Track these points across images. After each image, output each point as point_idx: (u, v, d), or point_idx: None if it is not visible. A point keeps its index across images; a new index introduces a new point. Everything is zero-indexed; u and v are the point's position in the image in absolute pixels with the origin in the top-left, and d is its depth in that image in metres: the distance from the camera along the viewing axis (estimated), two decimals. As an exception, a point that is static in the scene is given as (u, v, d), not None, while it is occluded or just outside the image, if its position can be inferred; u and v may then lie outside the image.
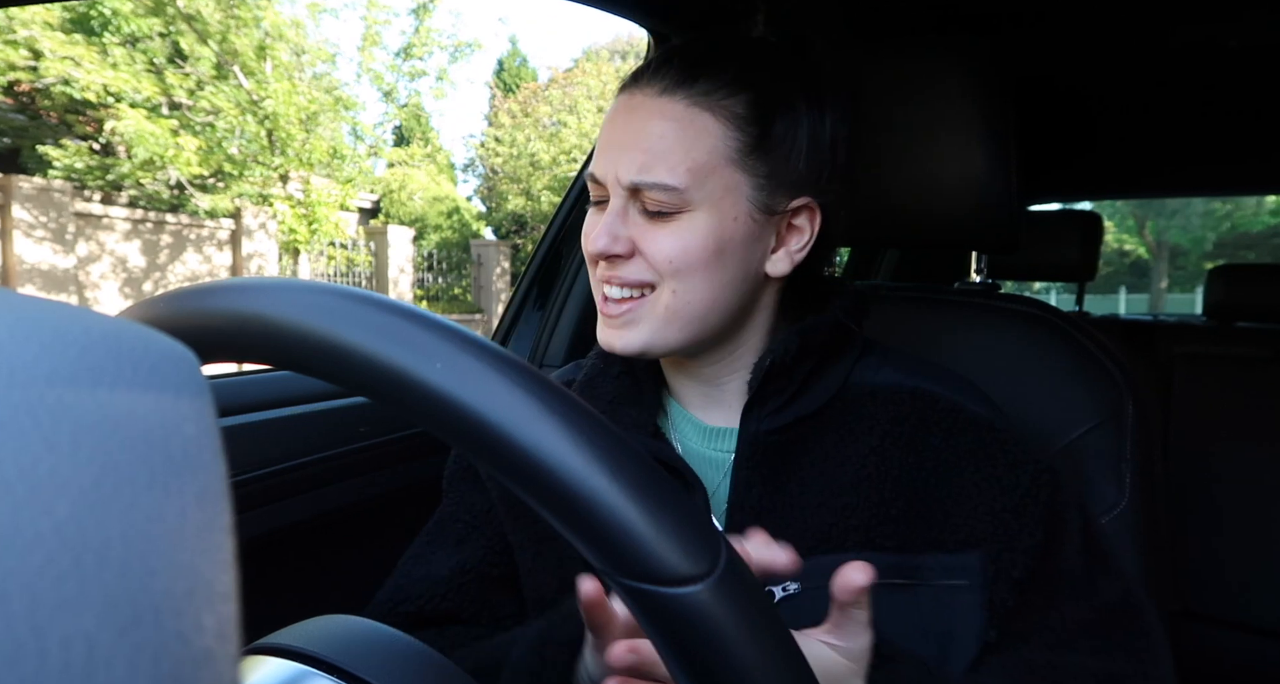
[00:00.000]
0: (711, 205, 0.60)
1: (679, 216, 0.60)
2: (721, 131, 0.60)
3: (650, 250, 0.60)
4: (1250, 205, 17.00)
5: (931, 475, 0.62)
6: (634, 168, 0.59)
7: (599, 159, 0.62)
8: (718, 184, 0.60)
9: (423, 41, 10.84)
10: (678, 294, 0.60)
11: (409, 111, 11.63)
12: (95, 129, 8.74)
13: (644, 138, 0.60)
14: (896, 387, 0.65)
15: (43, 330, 0.15)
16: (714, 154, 0.60)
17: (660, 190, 0.59)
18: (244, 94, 8.83)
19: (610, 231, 0.60)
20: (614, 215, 0.61)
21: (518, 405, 0.24)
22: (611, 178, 0.61)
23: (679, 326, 0.61)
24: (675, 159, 0.59)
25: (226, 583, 0.14)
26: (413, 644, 0.33)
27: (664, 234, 0.60)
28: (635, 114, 0.61)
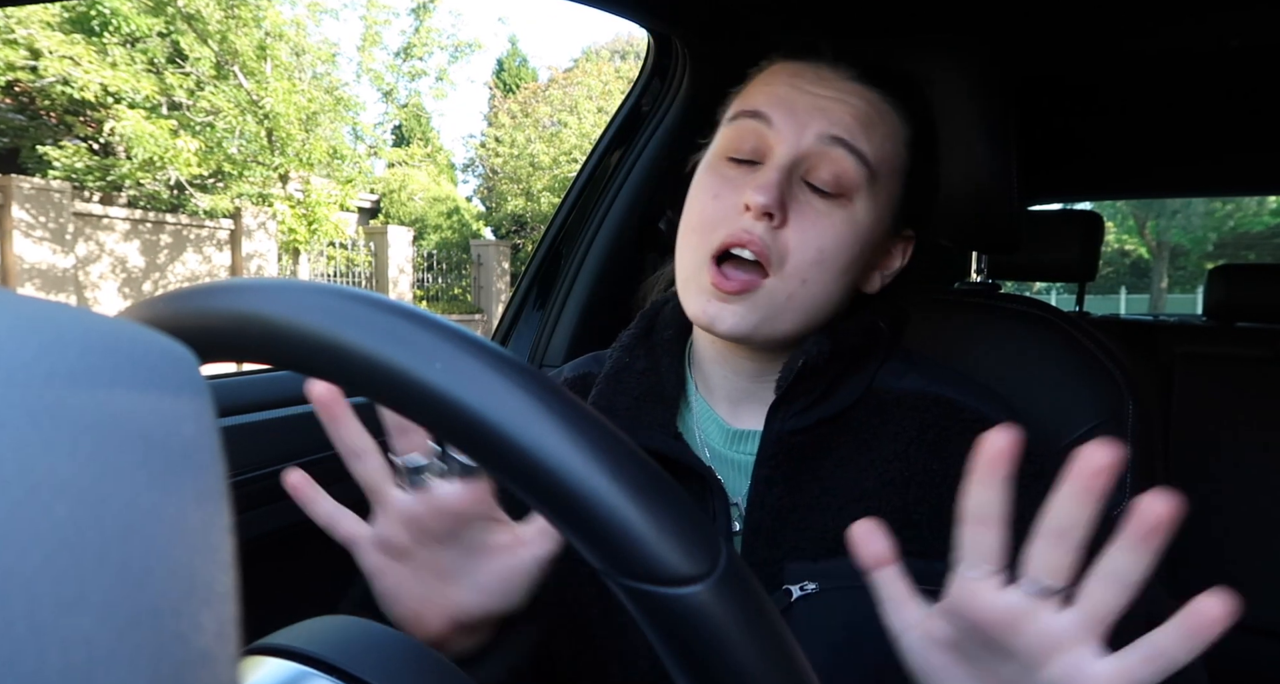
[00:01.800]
0: (874, 203, 0.59)
1: (844, 204, 0.58)
2: (903, 138, 0.61)
3: (803, 233, 0.57)
4: (1251, 205, 17.01)
5: (956, 482, 0.61)
6: (838, 125, 0.57)
7: (775, 108, 0.59)
8: (885, 186, 0.60)
9: (423, 41, 10.85)
10: (807, 285, 0.58)
11: (409, 111, 11.64)
12: (95, 129, 8.75)
13: (845, 106, 0.58)
14: (920, 393, 0.65)
15: (42, 330, 0.15)
16: (895, 156, 0.61)
17: (855, 159, 0.57)
18: (244, 94, 8.83)
19: (779, 189, 0.56)
20: (782, 173, 0.57)
21: (517, 406, 0.24)
22: (795, 129, 0.58)
23: (793, 316, 0.59)
24: (875, 138, 0.59)
25: (226, 583, 0.14)
26: (413, 644, 0.33)
27: (824, 222, 0.58)
28: (829, 85, 0.59)
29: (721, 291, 0.58)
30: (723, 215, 0.59)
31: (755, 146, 0.60)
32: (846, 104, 0.59)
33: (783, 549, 0.59)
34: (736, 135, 0.61)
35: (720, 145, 0.62)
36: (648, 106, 1.22)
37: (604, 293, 1.20)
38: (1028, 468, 0.60)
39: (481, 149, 17.45)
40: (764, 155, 0.59)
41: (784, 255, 0.57)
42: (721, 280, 0.58)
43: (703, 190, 0.62)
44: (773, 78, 0.62)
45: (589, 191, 1.23)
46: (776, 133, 0.59)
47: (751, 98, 0.61)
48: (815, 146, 0.58)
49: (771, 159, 0.58)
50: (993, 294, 0.90)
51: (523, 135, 15.57)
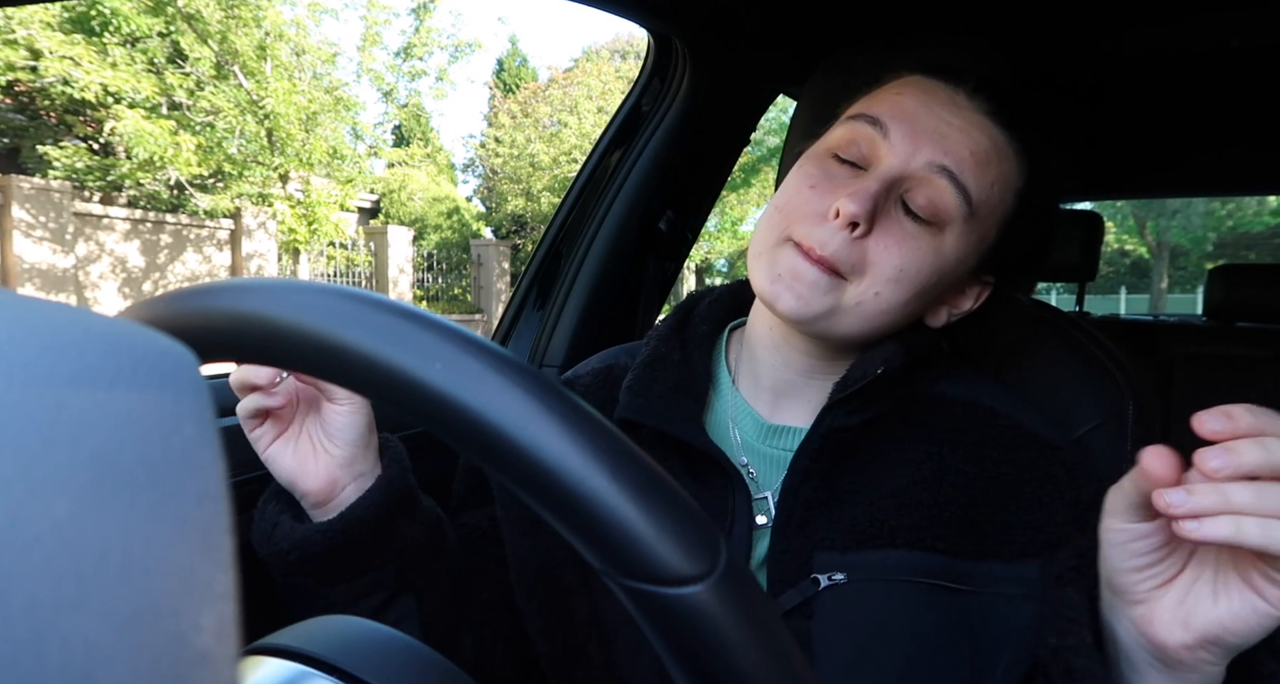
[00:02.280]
0: (964, 242, 0.59)
1: (934, 232, 0.58)
2: (1013, 187, 0.61)
3: (887, 250, 0.57)
4: (1251, 205, 17.01)
5: (990, 487, 0.61)
6: (954, 157, 0.57)
7: (896, 122, 0.59)
8: (980, 228, 0.60)
9: (423, 41, 10.85)
10: (879, 298, 0.58)
11: (409, 111, 11.64)
12: (95, 129, 8.75)
13: (967, 139, 0.58)
14: (957, 398, 0.65)
15: (42, 331, 0.15)
16: (999, 202, 0.60)
17: (959, 194, 0.57)
18: (244, 94, 8.83)
19: (874, 202, 0.56)
20: (882, 187, 0.57)
21: (517, 406, 0.24)
22: (910, 148, 0.58)
23: (856, 322, 0.59)
24: (985, 180, 0.58)
25: (225, 583, 0.14)
26: (412, 644, 0.33)
27: (910, 244, 0.57)
28: (959, 113, 0.59)
29: (797, 277, 0.58)
30: (810, 210, 0.58)
31: (864, 152, 0.59)
32: (969, 136, 0.58)
33: (812, 539, 0.60)
34: (850, 136, 0.60)
35: (830, 141, 0.62)
36: (648, 106, 1.22)
37: (604, 293, 1.20)
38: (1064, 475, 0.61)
39: (481, 149, 17.45)
40: (870, 162, 0.59)
41: (861, 266, 0.57)
42: (795, 274, 0.58)
43: (802, 177, 0.61)
44: (904, 89, 0.61)
45: (589, 191, 1.23)
46: (890, 146, 0.58)
47: (876, 103, 0.61)
48: (922, 171, 0.57)
49: (876, 169, 0.58)
50: (993, 294, 0.89)
51: (523, 135, 15.57)
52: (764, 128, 12.55)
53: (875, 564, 0.58)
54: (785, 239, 0.59)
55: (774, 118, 11.15)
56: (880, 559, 0.58)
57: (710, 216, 1.48)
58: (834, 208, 0.57)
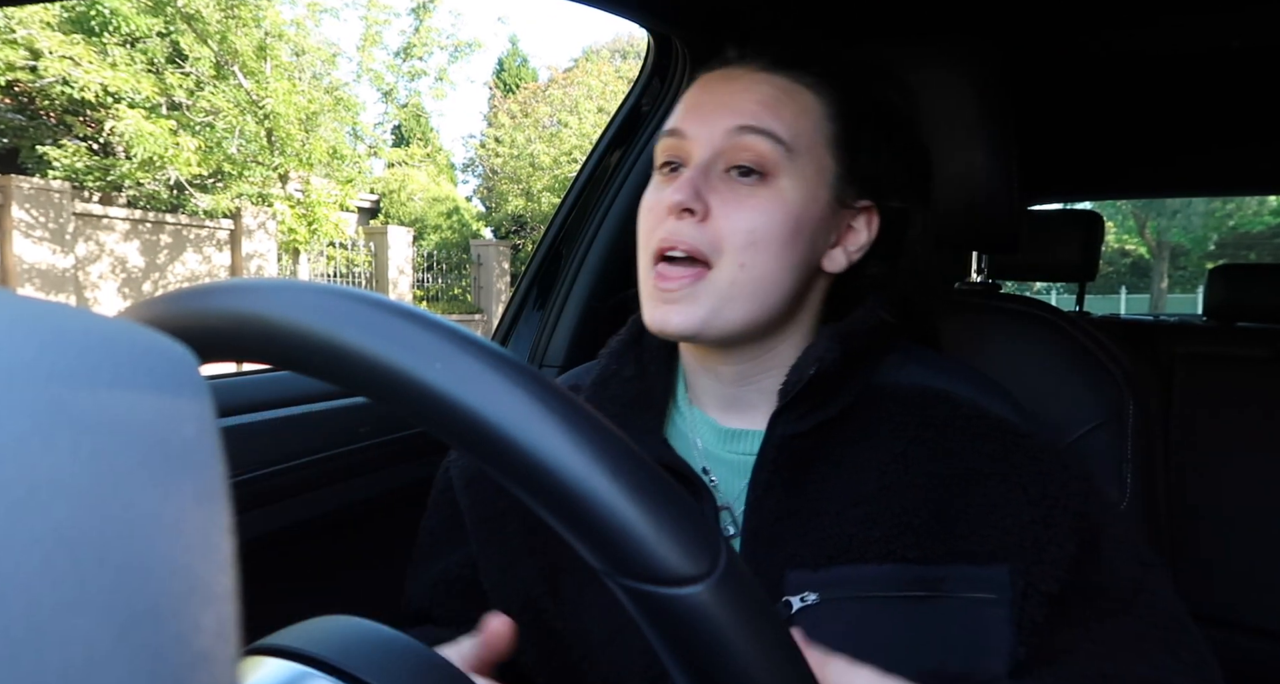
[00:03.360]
0: (801, 179, 0.60)
1: (768, 183, 0.59)
2: (821, 112, 0.62)
3: (729, 218, 0.58)
4: (1251, 205, 17.01)
5: (957, 483, 0.59)
6: (743, 114, 0.59)
7: (686, 117, 0.62)
8: (810, 160, 0.60)
9: (423, 41, 10.85)
10: (746, 268, 0.58)
11: (409, 111, 11.64)
12: (94, 129, 8.75)
13: (750, 95, 0.60)
14: (920, 387, 0.63)
15: (42, 331, 0.15)
16: (814, 130, 0.61)
17: (766, 139, 0.58)
18: (243, 94, 8.83)
19: (693, 185, 0.58)
20: (698, 171, 0.59)
21: (517, 406, 0.24)
22: (706, 130, 0.60)
23: (741, 304, 0.59)
24: (785, 117, 0.59)
25: (226, 583, 0.14)
26: (412, 644, 0.33)
27: (748, 203, 0.58)
28: (736, 81, 0.61)
29: (664, 291, 0.59)
30: (656, 222, 0.60)
31: (678, 157, 0.62)
32: (750, 93, 0.60)
33: (782, 556, 0.59)
34: (663, 151, 0.63)
35: (658, 162, 0.65)
36: (648, 106, 1.22)
37: (604, 293, 1.20)
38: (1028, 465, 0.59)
39: (481, 149, 17.45)
40: (687, 161, 0.61)
41: (717, 244, 0.58)
42: (662, 280, 0.59)
43: (645, 203, 0.63)
44: (688, 94, 0.64)
45: (589, 191, 1.23)
46: (691, 141, 0.61)
47: (673, 117, 0.63)
48: (727, 141, 0.59)
49: (690, 163, 0.61)
50: (993, 294, 0.90)
51: (523, 135, 15.57)
52: (764, 128, 12.50)
53: (847, 581, 0.57)
54: (651, 261, 0.61)
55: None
56: (852, 575, 0.57)
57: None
58: (665, 206, 0.59)
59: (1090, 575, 0.57)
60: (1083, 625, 0.57)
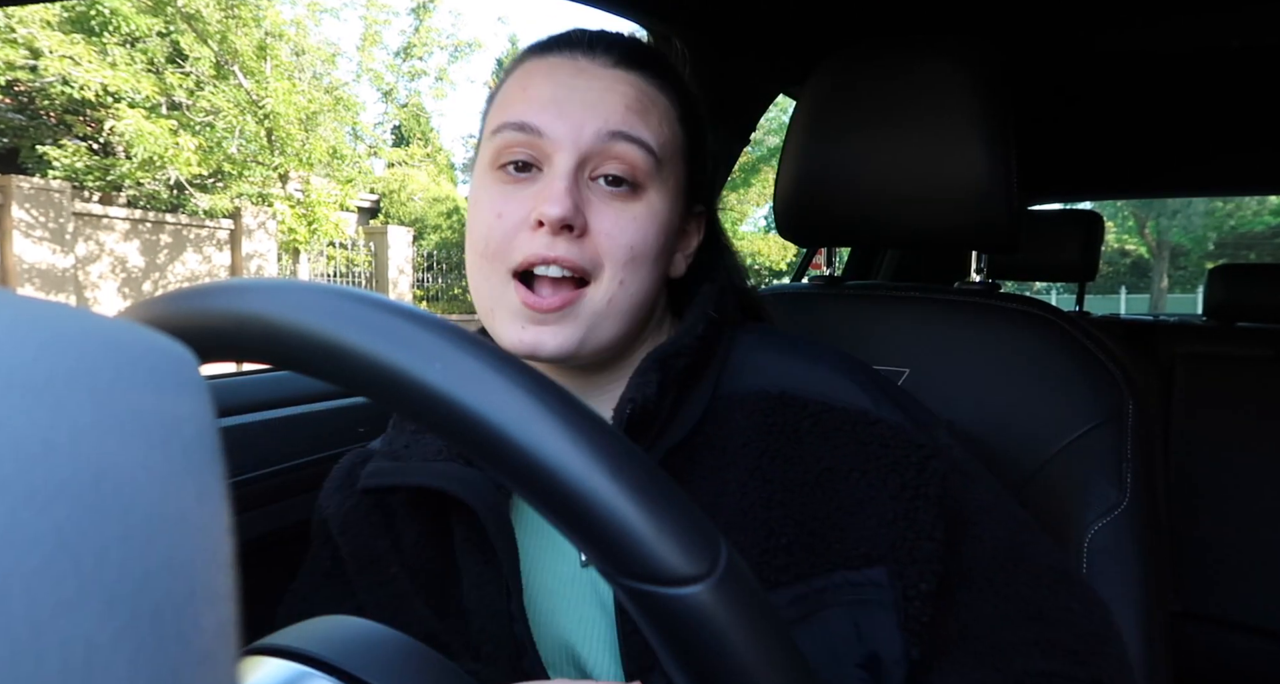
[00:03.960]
0: (666, 191, 0.57)
1: (640, 196, 0.56)
2: (674, 120, 0.59)
3: (608, 232, 0.54)
4: (1251, 205, 17.01)
5: (816, 488, 0.56)
6: (613, 118, 0.54)
7: (541, 112, 0.54)
8: (671, 171, 0.58)
9: (423, 41, 10.85)
10: (625, 285, 0.55)
11: (409, 111, 11.65)
12: (95, 129, 8.75)
13: (616, 96, 0.55)
14: (761, 393, 0.59)
15: (42, 331, 0.15)
16: (673, 139, 0.58)
17: (639, 149, 0.55)
18: (244, 94, 8.83)
19: (573, 198, 0.53)
20: (569, 180, 0.53)
21: (517, 405, 0.24)
22: (568, 130, 0.54)
23: (614, 323, 0.56)
24: (652, 125, 0.56)
25: (226, 583, 0.14)
26: (412, 644, 0.33)
27: (626, 216, 0.55)
28: (590, 77, 0.56)
29: (539, 312, 0.54)
30: (514, 234, 0.54)
31: (531, 156, 0.55)
32: (616, 93, 0.56)
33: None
34: (506, 148, 0.56)
35: (489, 157, 0.57)
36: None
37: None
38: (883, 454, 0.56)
39: (481, 149, 17.40)
40: (542, 162, 0.55)
41: (597, 261, 0.54)
42: (538, 300, 0.54)
43: (483, 209, 0.56)
44: (528, 80, 0.57)
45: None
46: (551, 140, 0.54)
47: (512, 107, 0.56)
48: (596, 145, 0.54)
49: (552, 166, 0.55)
50: (993, 294, 0.89)
51: (523, 135, 15.54)
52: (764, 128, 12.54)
53: None
54: (507, 275, 0.55)
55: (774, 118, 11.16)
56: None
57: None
58: (534, 218, 0.53)
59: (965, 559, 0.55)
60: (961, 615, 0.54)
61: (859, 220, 0.85)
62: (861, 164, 0.82)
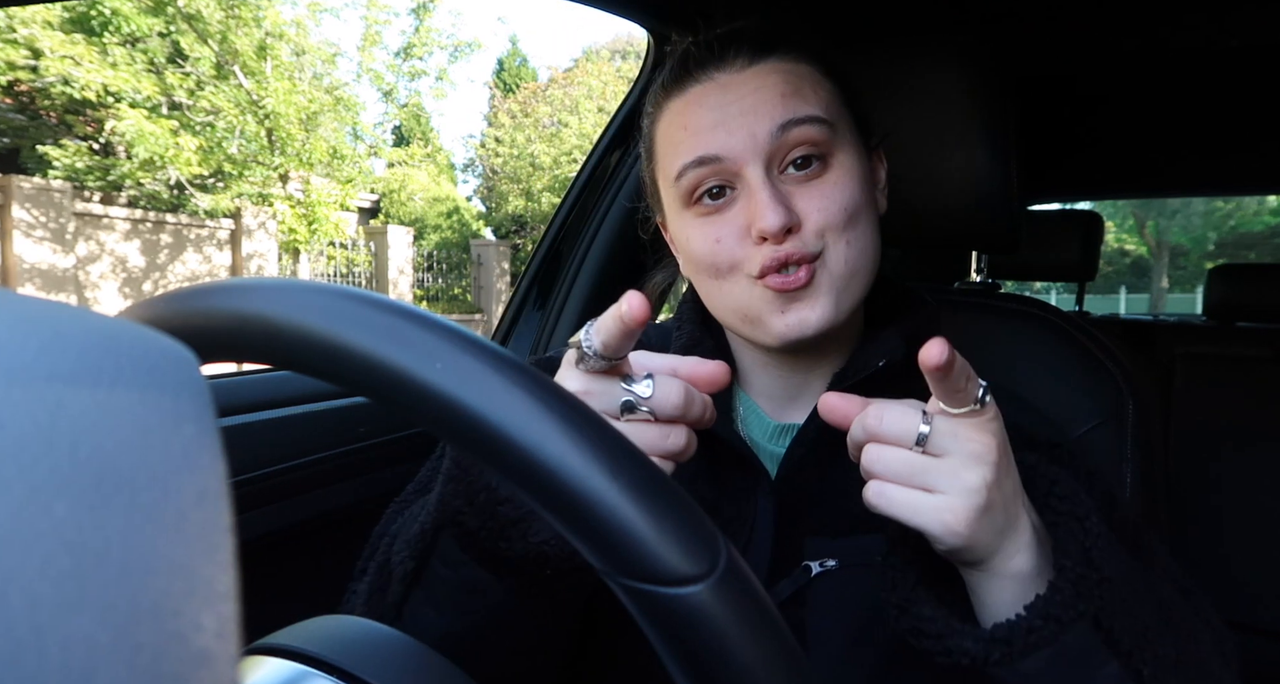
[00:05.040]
0: (848, 145, 0.59)
1: (830, 163, 0.57)
2: (820, 79, 0.60)
3: (821, 211, 0.56)
4: (1251, 205, 17.01)
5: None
6: (776, 111, 0.56)
7: (709, 140, 0.57)
8: (844, 126, 0.60)
9: (423, 41, 10.85)
10: (853, 244, 0.57)
11: (409, 111, 11.64)
12: (95, 129, 8.75)
13: (768, 91, 0.57)
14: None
15: (42, 330, 0.15)
16: (831, 98, 0.60)
17: (814, 126, 0.56)
18: (244, 94, 8.84)
19: (779, 200, 0.55)
20: (768, 188, 0.55)
21: (518, 406, 0.24)
22: (744, 142, 0.56)
23: (861, 278, 0.59)
24: (810, 97, 0.58)
25: (226, 583, 0.14)
26: (412, 644, 0.33)
27: (828, 188, 0.57)
28: (737, 87, 0.58)
29: (791, 291, 0.56)
30: (739, 251, 0.57)
31: (721, 180, 0.58)
32: (766, 89, 0.57)
33: (805, 527, 0.60)
34: (695, 184, 0.58)
35: (680, 199, 0.60)
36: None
37: (604, 293, 1.20)
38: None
39: (481, 149, 17.44)
40: (733, 181, 0.58)
41: (821, 236, 0.56)
42: (785, 280, 0.56)
43: (697, 241, 0.59)
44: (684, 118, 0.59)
45: (589, 191, 1.23)
46: (733, 159, 0.57)
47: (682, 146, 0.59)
48: (773, 143, 0.56)
49: (745, 181, 0.57)
50: (993, 294, 0.90)
51: (523, 135, 15.57)
52: (764, 128, 12.49)
53: (865, 549, 0.58)
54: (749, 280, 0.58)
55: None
56: (870, 544, 0.58)
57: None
58: (755, 234, 0.56)
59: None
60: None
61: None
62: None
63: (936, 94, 0.80)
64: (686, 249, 0.61)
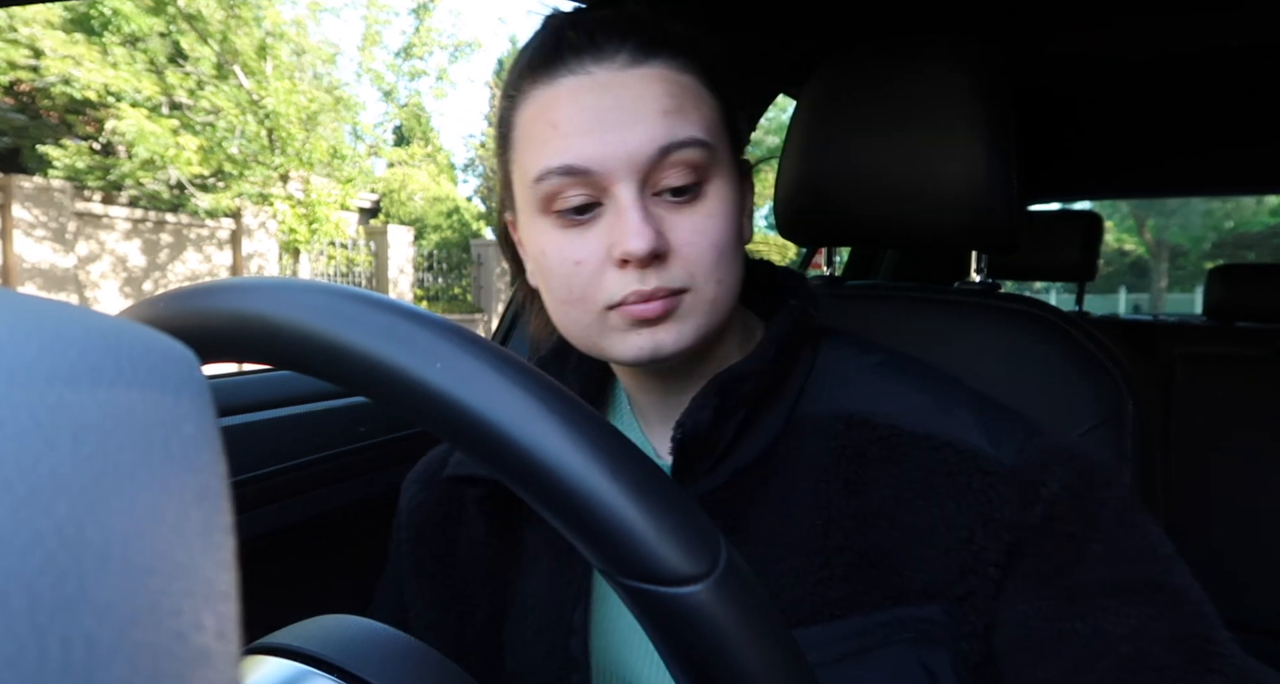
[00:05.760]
0: (724, 170, 0.54)
1: (706, 192, 0.52)
2: (706, 93, 0.54)
3: (690, 242, 0.51)
4: (1250, 205, 17.01)
5: (880, 517, 0.53)
6: (658, 131, 0.50)
7: (579, 149, 0.50)
8: (722, 146, 0.54)
9: (423, 41, 10.84)
10: (723, 282, 0.53)
11: (409, 111, 11.64)
12: (96, 129, 8.75)
13: (648, 103, 0.50)
14: (835, 416, 0.56)
15: (42, 330, 0.15)
16: (713, 114, 0.54)
17: (695, 149, 0.51)
18: (244, 94, 8.84)
19: (649, 224, 0.49)
20: (638, 210, 0.49)
21: (518, 405, 0.24)
22: (619, 158, 0.50)
23: (724, 311, 0.54)
24: (693, 116, 0.52)
25: (226, 582, 0.14)
26: (413, 644, 0.33)
27: (700, 217, 0.52)
28: (617, 89, 0.51)
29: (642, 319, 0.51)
30: (599, 276, 0.51)
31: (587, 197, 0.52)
32: (649, 98, 0.51)
33: None
34: (557, 194, 0.52)
35: (537, 202, 0.53)
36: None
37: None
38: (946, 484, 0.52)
39: (481, 149, 17.44)
40: (600, 197, 0.52)
41: (689, 273, 0.51)
42: (644, 309, 0.51)
43: (554, 257, 0.53)
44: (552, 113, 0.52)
45: (589, 191, 1.23)
46: (603, 175, 0.50)
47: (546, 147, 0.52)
48: (650, 163, 0.50)
49: (615, 200, 0.51)
50: (992, 294, 0.89)
51: (523, 135, 15.53)
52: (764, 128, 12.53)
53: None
54: (602, 311, 0.52)
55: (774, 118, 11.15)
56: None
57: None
58: (618, 256, 0.50)
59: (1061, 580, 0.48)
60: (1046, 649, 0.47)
61: (859, 220, 0.85)
62: (861, 164, 0.82)
63: (937, 94, 0.80)
64: (540, 261, 0.55)
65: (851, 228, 0.87)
